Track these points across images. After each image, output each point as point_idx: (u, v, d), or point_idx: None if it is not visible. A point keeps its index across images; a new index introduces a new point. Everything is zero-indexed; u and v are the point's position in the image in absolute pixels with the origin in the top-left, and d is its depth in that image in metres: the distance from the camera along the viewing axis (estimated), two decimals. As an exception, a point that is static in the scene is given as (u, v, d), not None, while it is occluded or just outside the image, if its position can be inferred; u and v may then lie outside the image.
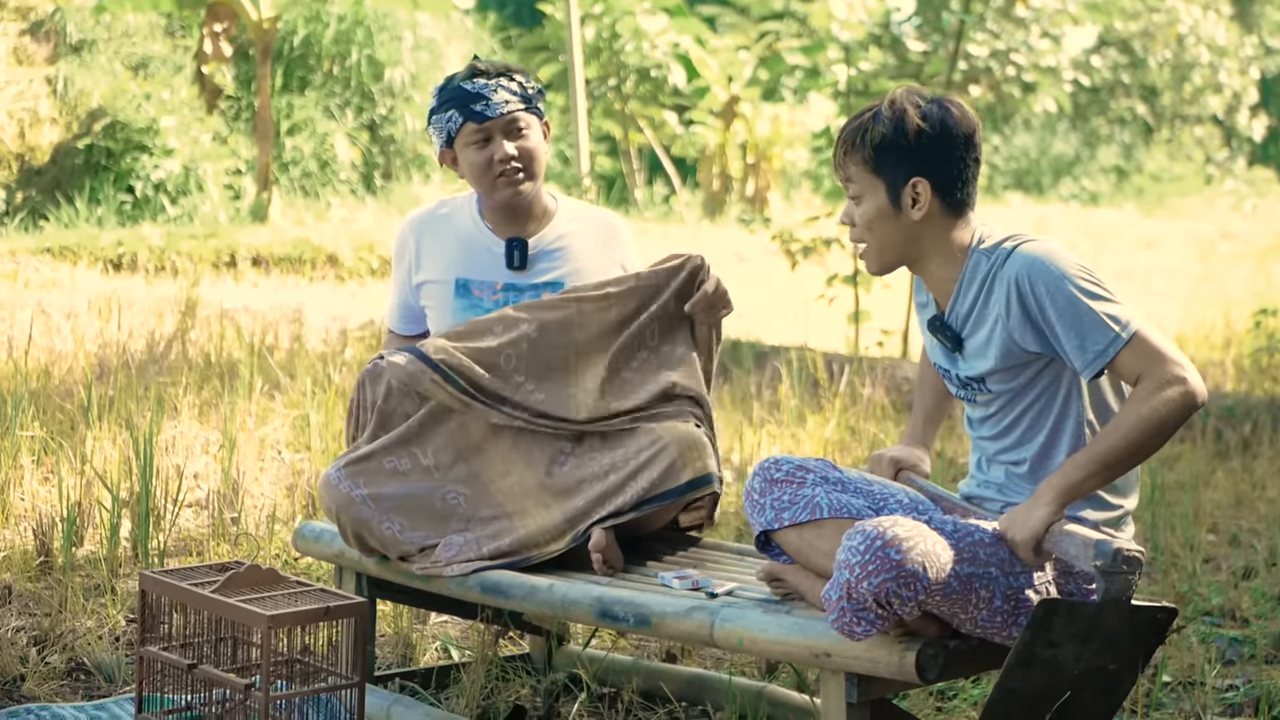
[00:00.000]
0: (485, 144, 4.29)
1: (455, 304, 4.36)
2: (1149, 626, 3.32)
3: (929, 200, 3.46)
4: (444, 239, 4.41)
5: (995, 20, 27.47)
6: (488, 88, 4.29)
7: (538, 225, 4.41)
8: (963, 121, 3.46)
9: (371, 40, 22.51)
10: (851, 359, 9.55)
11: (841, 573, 3.24)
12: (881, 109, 3.48)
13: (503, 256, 4.37)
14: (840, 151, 3.53)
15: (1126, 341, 3.28)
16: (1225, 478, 7.47)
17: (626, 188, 26.96)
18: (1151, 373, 3.27)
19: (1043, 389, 3.45)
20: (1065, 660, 3.23)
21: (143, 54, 20.89)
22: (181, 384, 7.50)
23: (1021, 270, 3.37)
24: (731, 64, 26.59)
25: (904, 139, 3.44)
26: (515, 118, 4.31)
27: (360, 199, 21.52)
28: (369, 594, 4.29)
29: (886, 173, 3.46)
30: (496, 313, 4.27)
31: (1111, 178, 36.91)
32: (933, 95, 3.49)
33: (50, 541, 5.28)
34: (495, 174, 4.29)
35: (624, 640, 4.90)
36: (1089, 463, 3.29)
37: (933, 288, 3.57)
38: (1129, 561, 3.18)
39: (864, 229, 3.52)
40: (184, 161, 19.17)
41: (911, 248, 3.51)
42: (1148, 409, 3.25)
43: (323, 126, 21.70)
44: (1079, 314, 3.31)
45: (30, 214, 18.50)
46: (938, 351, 3.62)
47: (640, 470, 4.10)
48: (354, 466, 4.14)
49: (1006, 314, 3.39)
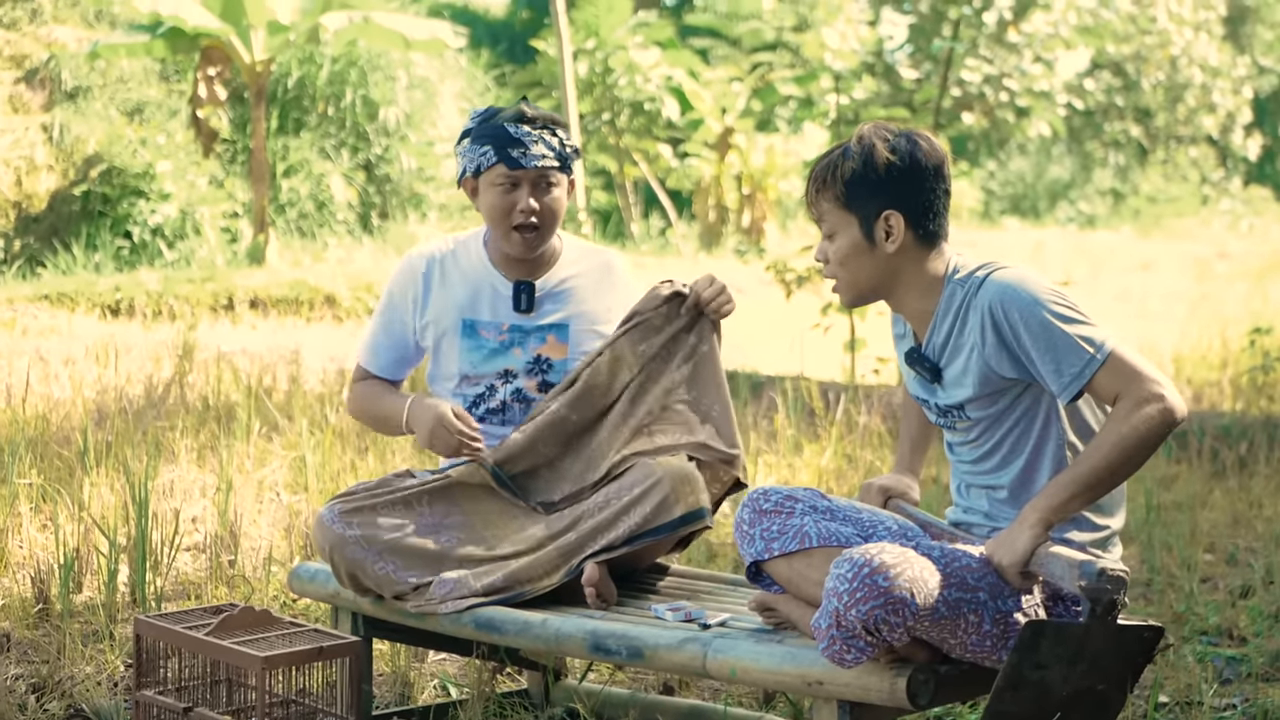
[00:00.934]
0: (511, 190, 4.28)
1: (461, 344, 4.37)
2: (1136, 646, 3.34)
3: (902, 232, 3.48)
4: (451, 279, 4.40)
5: (988, 46, 27.56)
6: (529, 136, 4.28)
7: (544, 267, 4.41)
8: (931, 153, 3.49)
9: (365, 80, 22.57)
10: (847, 387, 9.56)
11: (830, 601, 3.26)
12: (850, 145, 3.51)
13: (509, 298, 4.37)
14: (812, 190, 3.56)
15: (1102, 362, 3.30)
16: (1222, 497, 7.48)
17: (623, 221, 27.00)
18: (1129, 391, 3.28)
19: (1021, 413, 3.48)
20: (1053, 682, 3.25)
21: (138, 99, 20.95)
22: (179, 428, 7.51)
23: (994, 298, 3.39)
24: (725, 96, 26.65)
25: (874, 173, 3.47)
26: (546, 173, 4.30)
27: (357, 239, 21.55)
28: (365, 633, 4.30)
29: (858, 207, 3.49)
30: (541, 425, 4.29)
31: (1107, 200, 36.97)
32: (900, 129, 3.52)
33: (48, 589, 5.29)
34: (512, 224, 4.29)
35: (621, 673, 4.91)
36: (1071, 484, 3.32)
37: (909, 319, 3.60)
38: (1113, 581, 3.20)
39: (838, 265, 3.54)
40: (180, 205, 19.20)
41: (886, 281, 3.53)
42: (1127, 427, 3.27)
43: (318, 167, 21.74)
44: (1053, 338, 3.33)
45: (28, 261, 18.54)
46: (915, 383, 3.65)
47: (633, 505, 4.11)
48: (349, 511, 4.16)
49: (982, 342, 3.41)
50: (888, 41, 26.88)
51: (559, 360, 4.37)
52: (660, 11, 33.64)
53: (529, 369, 4.36)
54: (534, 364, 4.36)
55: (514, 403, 4.36)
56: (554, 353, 4.37)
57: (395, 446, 7.49)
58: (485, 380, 4.36)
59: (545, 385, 4.36)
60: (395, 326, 4.47)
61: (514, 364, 4.36)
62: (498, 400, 4.36)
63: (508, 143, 4.28)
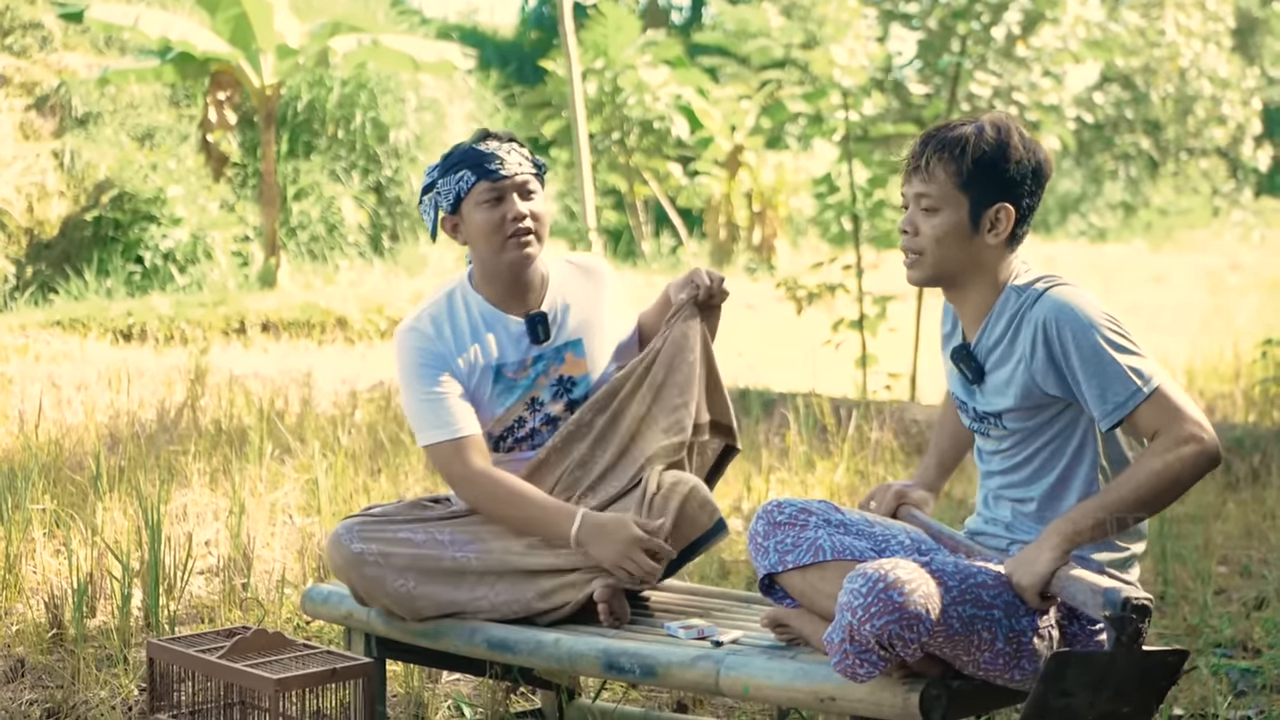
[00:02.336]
0: (498, 203, 4.23)
1: (493, 390, 4.30)
2: (1160, 670, 3.32)
3: (1007, 228, 3.47)
4: (463, 334, 4.29)
5: (997, 60, 27.55)
6: (501, 149, 4.27)
7: (540, 292, 4.37)
8: (1049, 162, 3.48)
9: (375, 103, 22.63)
10: (859, 403, 9.55)
11: (844, 615, 3.25)
12: (984, 126, 3.45)
13: (523, 334, 4.32)
14: (929, 156, 3.47)
15: (1148, 396, 3.30)
16: (1235, 509, 7.46)
17: (634, 240, 27.03)
18: (1169, 429, 3.29)
19: (1058, 431, 3.46)
20: (1079, 708, 3.23)
21: (148, 124, 21.01)
22: (191, 452, 7.52)
23: (1050, 314, 3.38)
24: (734, 113, 26.68)
25: (1005, 163, 3.44)
26: (528, 180, 4.27)
27: (368, 261, 21.59)
28: (378, 654, 4.29)
29: (975, 190, 3.45)
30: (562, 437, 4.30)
31: (1119, 213, 36.95)
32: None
33: (62, 614, 5.29)
34: (507, 233, 4.22)
35: (634, 692, 4.90)
36: (1098, 510, 3.32)
37: (964, 315, 3.57)
38: (1138, 610, 3.18)
39: (932, 240, 3.48)
40: (192, 230, 19.25)
41: (968, 270, 3.50)
42: (1162, 464, 3.27)
43: (329, 190, 21.79)
44: (1103, 364, 3.32)
45: (40, 288, 18.59)
46: (957, 382, 3.62)
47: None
48: (366, 528, 4.15)
49: (1031, 355, 3.40)
50: (896, 58, 26.83)
51: (580, 376, 4.36)
52: (669, 30, 33.70)
53: (554, 393, 4.34)
54: (558, 386, 4.35)
55: (543, 428, 4.34)
56: (574, 370, 4.36)
57: (408, 468, 7.50)
58: (515, 414, 4.34)
59: (571, 405, 4.35)
60: (451, 386, 4.25)
61: (540, 392, 4.34)
62: (527, 429, 4.35)
63: (482, 160, 4.24)
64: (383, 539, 4.13)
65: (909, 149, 3.52)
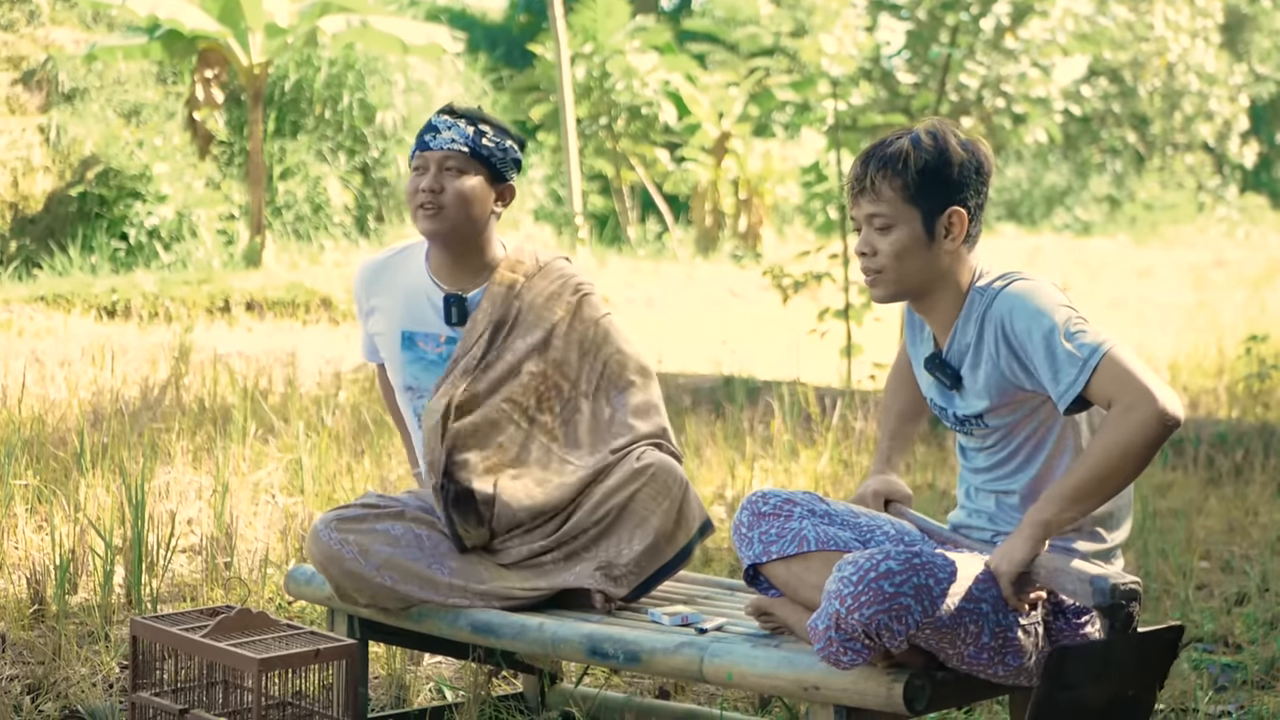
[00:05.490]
0: (420, 173, 4.29)
1: (402, 356, 4.36)
2: (1159, 648, 3.34)
3: (963, 231, 3.46)
4: (391, 290, 4.39)
5: (985, 52, 27.54)
6: (444, 124, 4.29)
7: (476, 279, 4.37)
8: (989, 155, 3.47)
9: (363, 84, 22.58)
10: (844, 392, 9.56)
11: (832, 603, 3.25)
12: (919, 137, 3.45)
13: (442, 310, 4.36)
14: (873, 175, 3.46)
15: (1096, 366, 3.26)
16: (1218, 504, 7.48)
17: (619, 226, 27.00)
18: (1119, 396, 3.23)
19: (1039, 422, 3.46)
20: (1086, 698, 3.25)
21: (135, 101, 20.94)
22: (175, 430, 7.51)
23: (1006, 309, 3.38)
24: (722, 100, 26.65)
25: (948, 168, 3.43)
26: (450, 156, 4.26)
27: (354, 241, 21.55)
28: (361, 636, 4.30)
29: (924, 201, 3.44)
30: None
31: (1104, 207, 36.99)
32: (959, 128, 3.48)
33: (44, 590, 5.29)
34: (415, 204, 4.28)
35: (617, 678, 4.91)
36: (1061, 496, 3.29)
37: (933, 323, 3.56)
38: (1126, 595, 3.19)
39: (891, 257, 3.46)
40: (177, 208, 19.19)
41: (931, 280, 3.48)
42: (1113, 433, 3.23)
43: (315, 170, 21.74)
44: (1053, 348, 3.30)
45: (24, 263, 18.53)
46: (934, 389, 3.61)
47: (636, 530, 4.18)
48: (345, 523, 4.14)
49: (997, 354, 3.40)
50: (885, 47, 26.84)
51: None
52: (658, 16, 33.62)
53: None
54: None
55: None
56: None
57: (392, 449, 7.49)
58: (429, 392, 4.34)
59: None
60: (368, 320, 4.50)
61: None
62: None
63: (425, 131, 4.32)
64: (362, 535, 4.13)
65: (851, 171, 3.51)
